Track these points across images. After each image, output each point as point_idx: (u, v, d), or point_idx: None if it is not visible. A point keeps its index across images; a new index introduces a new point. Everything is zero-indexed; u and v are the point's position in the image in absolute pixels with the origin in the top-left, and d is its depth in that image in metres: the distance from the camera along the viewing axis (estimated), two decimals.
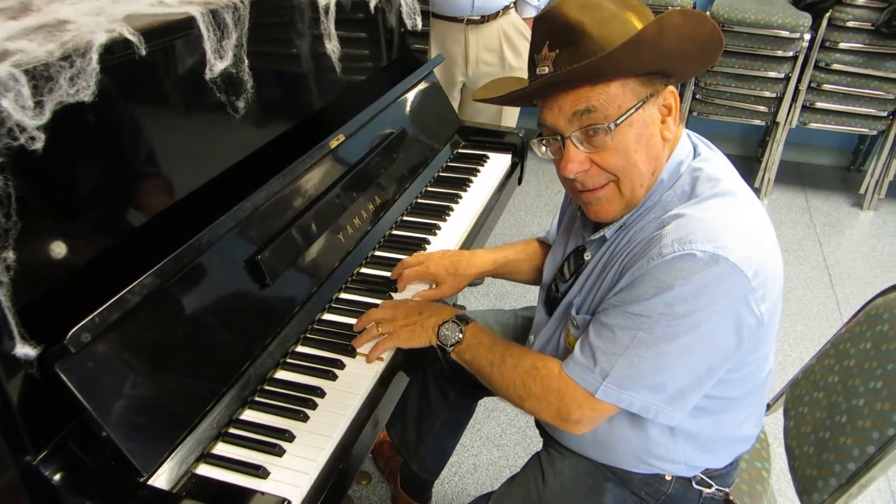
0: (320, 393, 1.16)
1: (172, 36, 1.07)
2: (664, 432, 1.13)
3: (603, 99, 1.00)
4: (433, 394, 1.61)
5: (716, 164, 1.09)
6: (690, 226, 0.98)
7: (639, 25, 0.99)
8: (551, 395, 1.07)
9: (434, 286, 1.44)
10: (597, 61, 0.95)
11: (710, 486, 1.20)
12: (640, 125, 1.02)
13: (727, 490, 1.23)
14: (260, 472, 1.01)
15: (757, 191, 3.66)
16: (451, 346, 1.20)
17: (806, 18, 3.21)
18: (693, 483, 1.20)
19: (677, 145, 1.09)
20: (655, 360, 1.00)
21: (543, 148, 1.09)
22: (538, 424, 1.37)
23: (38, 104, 0.80)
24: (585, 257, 1.18)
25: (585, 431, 1.10)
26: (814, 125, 3.50)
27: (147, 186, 1.13)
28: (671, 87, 1.04)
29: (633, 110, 1.01)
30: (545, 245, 1.51)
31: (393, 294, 1.43)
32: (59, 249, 0.96)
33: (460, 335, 1.20)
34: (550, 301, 1.29)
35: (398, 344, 1.24)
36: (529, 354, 1.14)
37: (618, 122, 1.01)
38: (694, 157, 1.10)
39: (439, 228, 1.67)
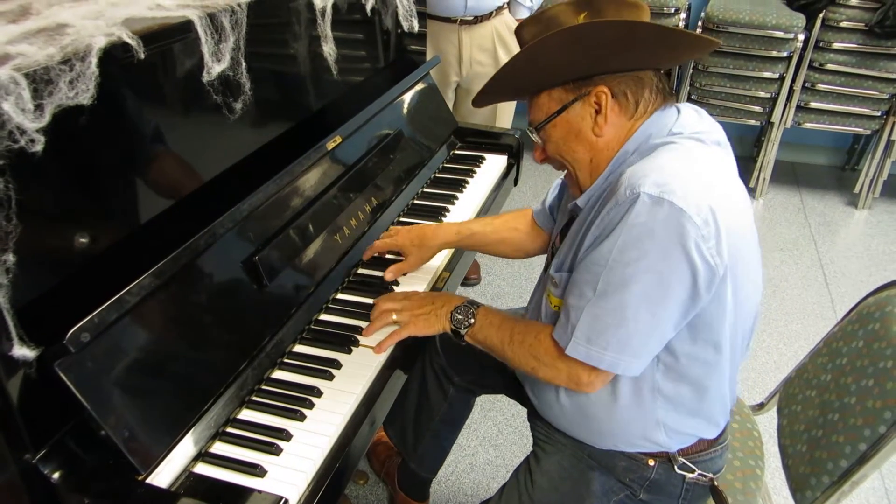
0: (317, 392, 1.17)
1: (171, 39, 1.08)
2: (635, 391, 1.14)
3: (534, 109, 1.17)
4: (432, 390, 1.62)
5: (693, 142, 1.10)
6: (641, 171, 1.02)
7: None
8: (559, 361, 1.11)
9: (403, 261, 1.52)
10: (487, 90, 1.17)
11: (692, 471, 1.21)
12: (565, 125, 1.14)
13: (711, 476, 1.24)
14: (257, 470, 1.02)
15: (752, 191, 3.68)
16: (464, 329, 1.24)
17: (800, 19, 3.22)
18: (675, 467, 1.21)
19: (650, 120, 1.12)
20: (616, 312, 1.03)
21: None
22: (529, 416, 1.40)
23: (39, 107, 0.81)
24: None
25: (599, 389, 1.14)
26: (808, 125, 3.52)
27: (146, 188, 1.14)
28: (602, 87, 1.09)
29: (555, 115, 1.13)
30: (532, 220, 1.55)
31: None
32: (58, 250, 0.97)
33: (472, 319, 1.24)
34: (546, 267, 1.35)
35: (414, 333, 1.28)
36: (534, 325, 1.18)
37: (538, 126, 1.16)
38: (669, 132, 1.11)
39: None
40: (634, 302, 1.02)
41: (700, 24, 3.43)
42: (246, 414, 1.13)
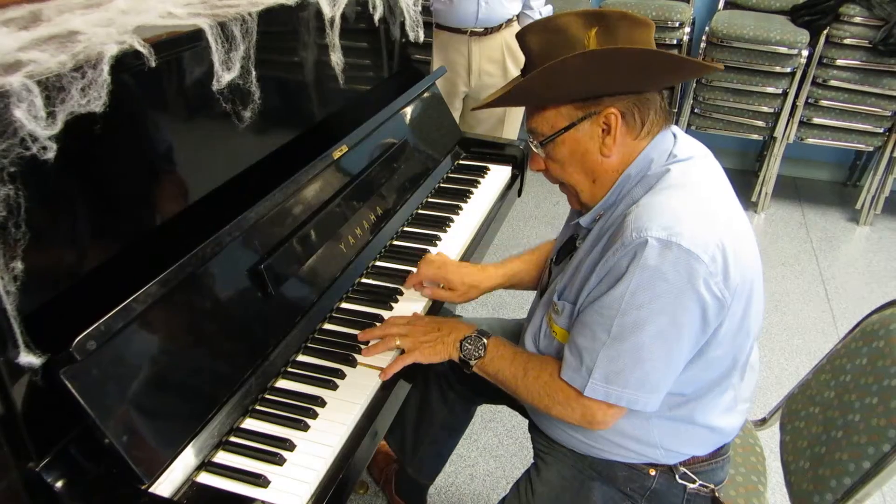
0: (321, 402, 1.17)
1: (182, 48, 1.08)
2: (637, 413, 1.15)
3: (539, 121, 1.14)
4: (433, 396, 1.63)
5: (690, 164, 1.12)
6: (647, 214, 1.03)
7: (593, 47, 1.05)
8: (574, 401, 1.12)
9: (446, 290, 1.49)
10: (496, 101, 1.15)
11: (693, 482, 1.22)
12: (573, 143, 1.12)
13: (713, 487, 1.24)
14: (260, 480, 1.02)
15: (754, 205, 3.68)
16: (474, 360, 1.23)
17: (804, 35, 3.24)
18: (676, 477, 1.21)
19: (652, 144, 1.13)
20: (633, 353, 1.04)
21: None
22: (530, 427, 1.40)
23: (51, 114, 0.81)
24: (577, 244, 1.24)
25: (609, 427, 1.15)
26: (811, 140, 3.53)
27: (153, 196, 1.14)
28: (612, 109, 1.08)
29: (563, 131, 1.12)
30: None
31: (394, 304, 1.44)
32: (65, 258, 0.97)
33: (483, 351, 1.23)
34: (543, 285, 1.35)
35: (418, 360, 1.25)
36: (549, 363, 1.18)
37: (544, 141, 1.14)
38: (669, 157, 1.13)
39: (440, 239, 1.68)
40: (649, 342, 1.03)
41: (704, 38, 3.44)
42: (249, 423, 1.13)
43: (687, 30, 3.44)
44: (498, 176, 1.99)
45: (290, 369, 1.24)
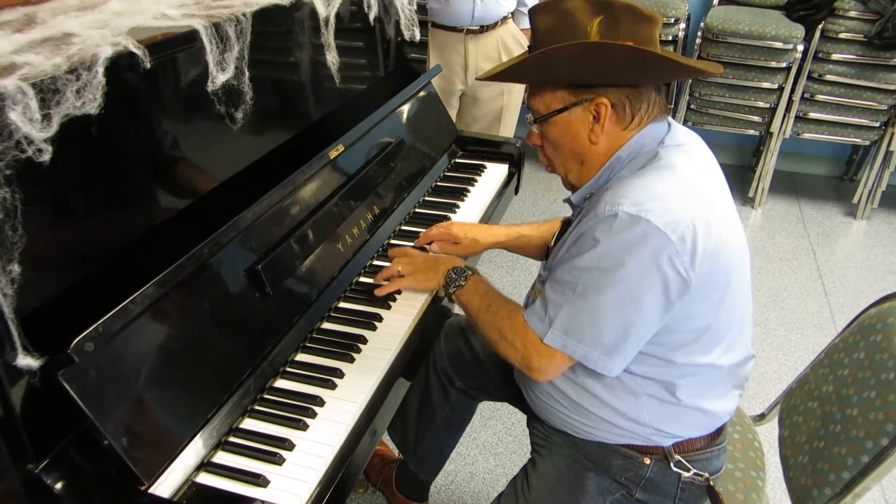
0: (320, 402, 1.17)
1: (176, 49, 1.08)
2: (626, 389, 1.18)
3: (537, 100, 1.18)
4: (434, 393, 1.63)
5: (679, 150, 1.15)
6: (623, 190, 1.08)
7: (595, 37, 1.08)
8: (518, 341, 1.18)
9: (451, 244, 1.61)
10: (496, 75, 1.19)
11: (688, 470, 1.22)
12: (564, 125, 1.17)
13: (708, 476, 1.25)
14: (260, 480, 1.02)
15: (751, 200, 3.69)
16: (453, 288, 1.34)
17: (799, 30, 3.24)
18: (671, 465, 1.22)
19: (644, 131, 1.16)
20: (590, 313, 1.09)
21: None
22: (528, 420, 1.41)
23: (46, 117, 0.81)
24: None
25: (547, 380, 1.22)
26: (807, 135, 3.53)
27: (149, 197, 1.14)
28: (603, 98, 1.12)
29: (555, 113, 1.16)
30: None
31: (392, 303, 1.44)
32: (62, 260, 0.97)
33: (463, 281, 1.33)
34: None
35: (411, 284, 1.41)
36: (511, 305, 1.25)
37: (538, 120, 1.19)
38: (660, 143, 1.15)
39: None
40: (608, 307, 1.07)
41: (699, 33, 3.44)
42: (248, 423, 1.13)
43: (682, 25, 3.44)
44: (495, 174, 1.99)
45: (288, 369, 1.24)
